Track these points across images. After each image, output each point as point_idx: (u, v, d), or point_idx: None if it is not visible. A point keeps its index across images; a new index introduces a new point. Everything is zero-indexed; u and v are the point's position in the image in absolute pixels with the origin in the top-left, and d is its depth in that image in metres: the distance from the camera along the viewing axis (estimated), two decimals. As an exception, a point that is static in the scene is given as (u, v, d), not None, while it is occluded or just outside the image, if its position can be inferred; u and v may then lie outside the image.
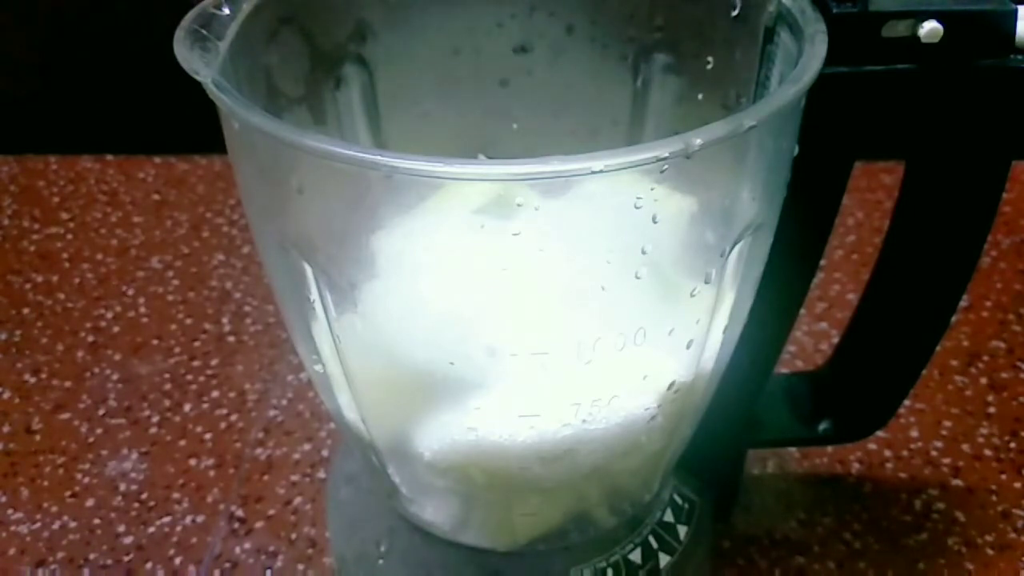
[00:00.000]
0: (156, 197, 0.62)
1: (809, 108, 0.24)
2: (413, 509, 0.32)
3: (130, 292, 0.54)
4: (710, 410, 0.30)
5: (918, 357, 0.35)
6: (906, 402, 0.38)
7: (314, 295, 0.25)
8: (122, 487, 0.43)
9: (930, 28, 0.25)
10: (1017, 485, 0.42)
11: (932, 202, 0.30)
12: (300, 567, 0.39)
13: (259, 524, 0.41)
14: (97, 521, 0.41)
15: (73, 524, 0.41)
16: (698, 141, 0.20)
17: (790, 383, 0.39)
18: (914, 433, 0.44)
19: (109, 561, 0.40)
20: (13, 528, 0.41)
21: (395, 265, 0.25)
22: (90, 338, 0.51)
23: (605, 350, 0.24)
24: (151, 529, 0.41)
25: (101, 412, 0.47)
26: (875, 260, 0.33)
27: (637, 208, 0.22)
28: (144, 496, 0.42)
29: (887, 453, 0.43)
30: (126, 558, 0.40)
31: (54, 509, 0.42)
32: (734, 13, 0.28)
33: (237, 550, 0.40)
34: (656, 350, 0.25)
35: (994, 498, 0.41)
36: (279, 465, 0.44)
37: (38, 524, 0.41)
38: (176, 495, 0.42)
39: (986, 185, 0.29)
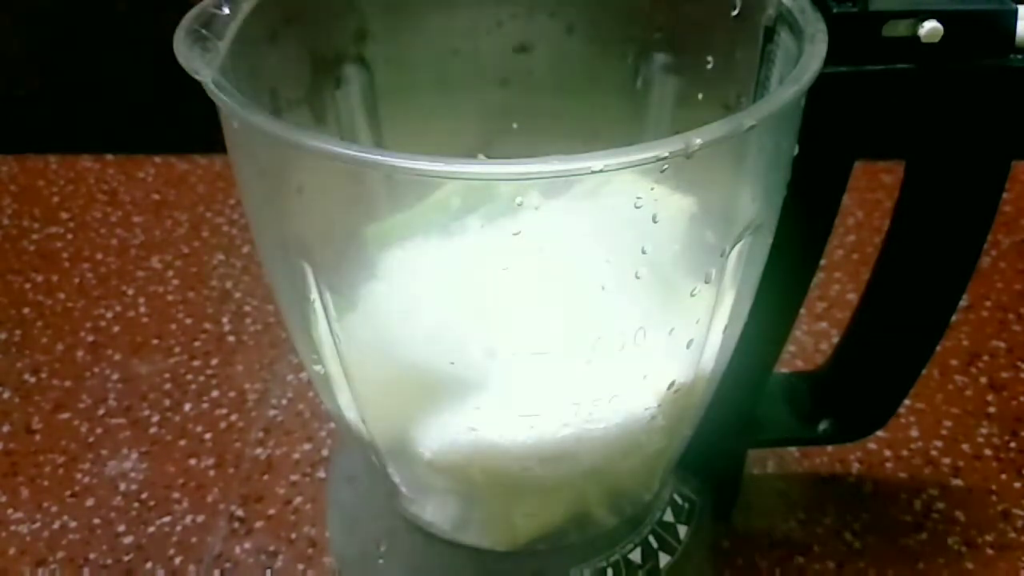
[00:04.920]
0: (156, 197, 0.62)
1: (809, 108, 0.24)
2: (413, 509, 0.32)
3: (130, 292, 0.54)
4: (710, 410, 0.30)
5: (918, 357, 0.35)
6: (906, 402, 0.38)
7: (314, 295, 0.25)
8: (122, 487, 0.43)
9: (930, 28, 0.25)
10: (1017, 485, 0.42)
11: (932, 202, 0.30)
12: (300, 567, 0.39)
13: (259, 524, 0.41)
14: (97, 521, 0.41)
15: (73, 524, 0.41)
16: (698, 141, 0.20)
17: (790, 383, 0.39)
18: (914, 433, 0.44)
19: (109, 561, 0.40)
20: (13, 528, 0.41)
21: (395, 265, 0.25)
22: (90, 338, 0.51)
23: (605, 350, 0.24)
24: (151, 529, 0.41)
25: (101, 412, 0.47)
26: (875, 260, 0.33)
27: (637, 208, 0.22)
28: (144, 496, 0.42)
29: (887, 453, 0.43)
30: (126, 558, 0.40)
31: (54, 509, 0.42)
32: (734, 13, 0.28)
33: (237, 550, 0.40)
34: (656, 350, 0.25)
35: (994, 498, 0.41)
36: (279, 465, 0.44)
37: (38, 524, 0.41)
38: (176, 495, 0.42)
39: (986, 185, 0.29)
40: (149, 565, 0.39)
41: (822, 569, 0.38)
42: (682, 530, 0.34)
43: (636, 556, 0.32)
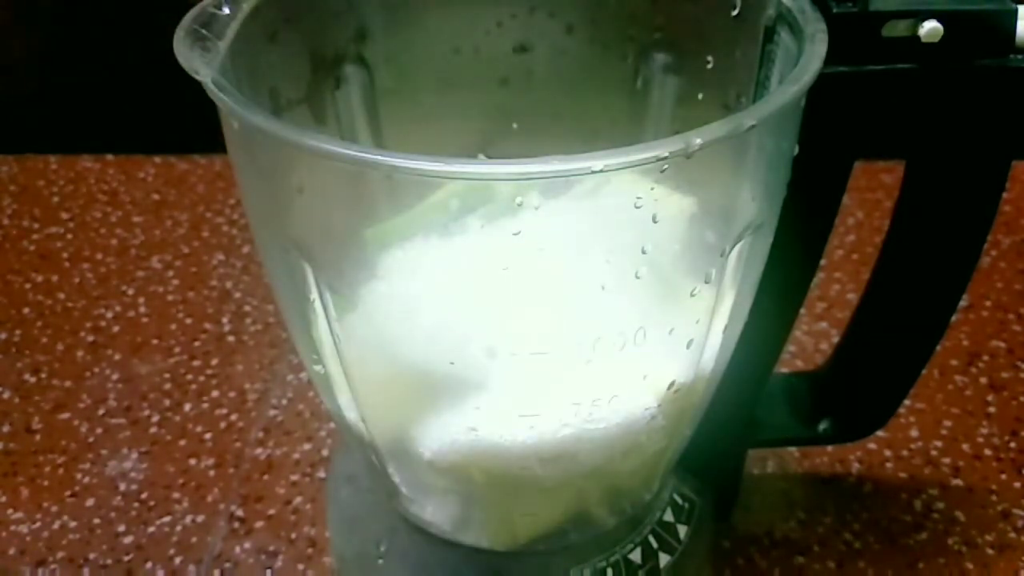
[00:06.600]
0: (156, 197, 0.62)
1: (809, 108, 0.24)
2: (413, 509, 0.32)
3: (130, 292, 0.54)
4: (710, 410, 0.30)
5: (918, 357, 0.35)
6: (906, 402, 0.38)
7: (314, 295, 0.25)
8: (122, 487, 0.43)
9: (930, 28, 0.25)
10: (1017, 485, 0.42)
11: (932, 202, 0.30)
12: (300, 567, 0.39)
13: (259, 524, 0.41)
14: (97, 521, 0.41)
15: (73, 524, 0.41)
16: (698, 141, 0.20)
17: (790, 383, 0.39)
18: (914, 433, 0.44)
19: (109, 561, 0.40)
20: (13, 528, 0.41)
21: (395, 265, 0.25)
22: (90, 338, 0.51)
23: (605, 350, 0.24)
24: (151, 529, 0.41)
25: (101, 412, 0.47)
26: (875, 260, 0.33)
27: (637, 208, 0.22)
28: (144, 496, 0.42)
29: (887, 453, 0.43)
30: (126, 558, 0.40)
31: (54, 509, 0.42)
32: (734, 13, 0.28)
33: (237, 550, 0.40)
34: (656, 350, 0.25)
35: (994, 498, 0.41)
36: (279, 465, 0.44)
37: (38, 524, 0.41)
38: (176, 495, 0.42)
39: (986, 185, 0.29)
40: (149, 565, 0.39)
41: (822, 569, 0.38)
42: (682, 530, 0.34)
43: (636, 556, 0.32)
